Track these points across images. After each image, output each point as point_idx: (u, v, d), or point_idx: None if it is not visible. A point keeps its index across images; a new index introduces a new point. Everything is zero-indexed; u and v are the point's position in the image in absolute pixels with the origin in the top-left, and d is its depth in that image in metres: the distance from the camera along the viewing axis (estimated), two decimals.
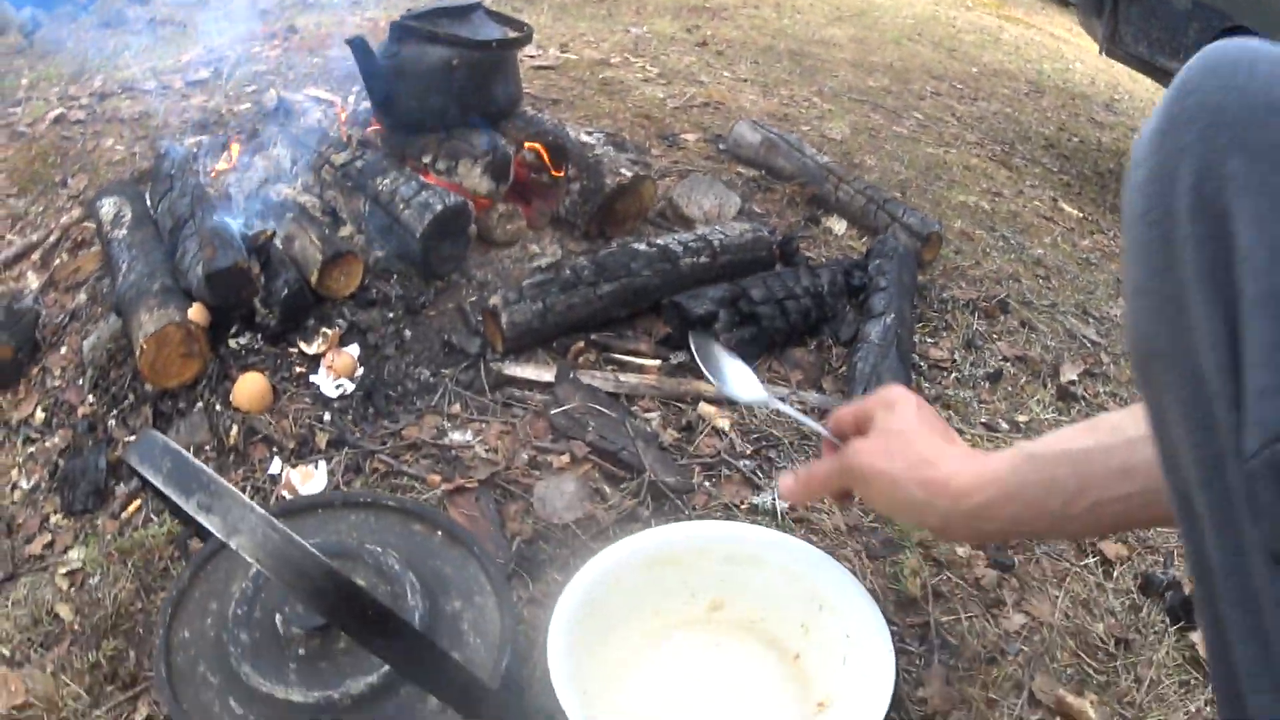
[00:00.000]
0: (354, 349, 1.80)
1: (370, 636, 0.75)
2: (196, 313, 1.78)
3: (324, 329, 1.81)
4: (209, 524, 0.72)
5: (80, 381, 1.95)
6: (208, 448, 1.69)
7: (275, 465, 1.64)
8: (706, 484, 1.64)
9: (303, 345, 1.80)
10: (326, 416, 1.70)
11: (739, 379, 1.13)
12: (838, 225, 2.55)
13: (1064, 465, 0.82)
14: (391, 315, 1.87)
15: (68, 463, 1.75)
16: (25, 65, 3.63)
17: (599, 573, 1.28)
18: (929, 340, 2.14)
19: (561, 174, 2.14)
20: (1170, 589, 1.61)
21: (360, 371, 1.76)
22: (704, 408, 1.76)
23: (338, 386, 1.74)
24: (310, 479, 1.61)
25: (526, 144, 2.10)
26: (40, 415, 1.94)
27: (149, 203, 2.22)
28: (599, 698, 1.23)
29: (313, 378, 1.75)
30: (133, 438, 1.72)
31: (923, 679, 1.39)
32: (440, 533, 1.30)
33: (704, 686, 1.29)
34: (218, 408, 1.72)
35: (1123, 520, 0.81)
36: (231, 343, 1.82)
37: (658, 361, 1.86)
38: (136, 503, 1.67)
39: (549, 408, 1.71)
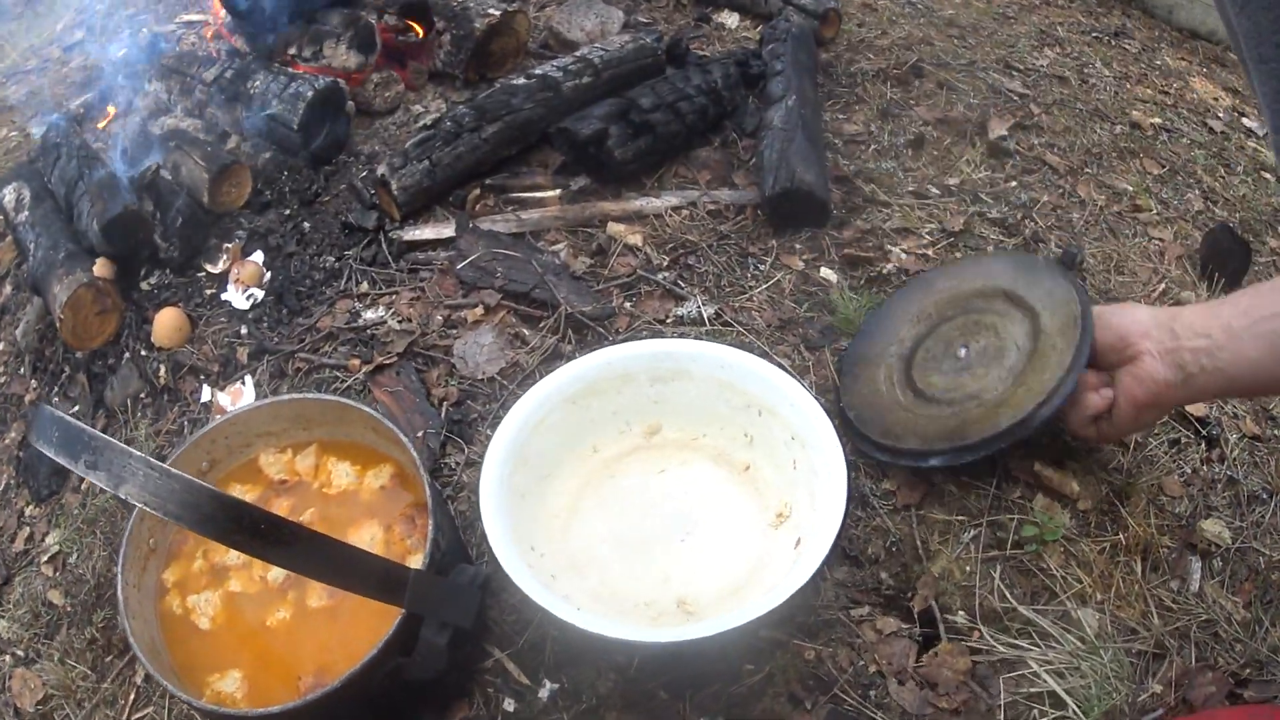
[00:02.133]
0: (258, 255, 1.76)
1: (268, 548, 0.74)
2: (101, 267, 1.76)
3: (225, 245, 1.78)
4: (98, 480, 0.72)
5: (21, 370, 1.94)
6: (143, 395, 1.68)
7: (205, 393, 1.62)
8: (627, 305, 1.60)
9: (208, 266, 1.77)
10: (243, 330, 1.67)
11: None
12: (730, 19, 2.44)
13: None
14: (288, 212, 1.83)
15: (25, 453, 1.76)
16: None
17: (519, 423, 1.19)
18: (840, 117, 2.06)
19: (428, 29, 2.05)
20: None
21: (268, 276, 1.73)
22: (613, 227, 1.72)
23: (248, 297, 1.71)
24: (239, 397, 1.59)
25: (386, 8, 2.02)
26: None
27: (45, 178, 2.18)
28: (550, 552, 1.16)
29: (224, 295, 1.73)
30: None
31: (886, 471, 1.32)
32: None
33: (660, 516, 1.21)
34: (143, 353, 1.71)
35: None
36: (143, 285, 1.80)
37: (557, 191, 1.80)
38: None
39: (455, 263, 1.67)
